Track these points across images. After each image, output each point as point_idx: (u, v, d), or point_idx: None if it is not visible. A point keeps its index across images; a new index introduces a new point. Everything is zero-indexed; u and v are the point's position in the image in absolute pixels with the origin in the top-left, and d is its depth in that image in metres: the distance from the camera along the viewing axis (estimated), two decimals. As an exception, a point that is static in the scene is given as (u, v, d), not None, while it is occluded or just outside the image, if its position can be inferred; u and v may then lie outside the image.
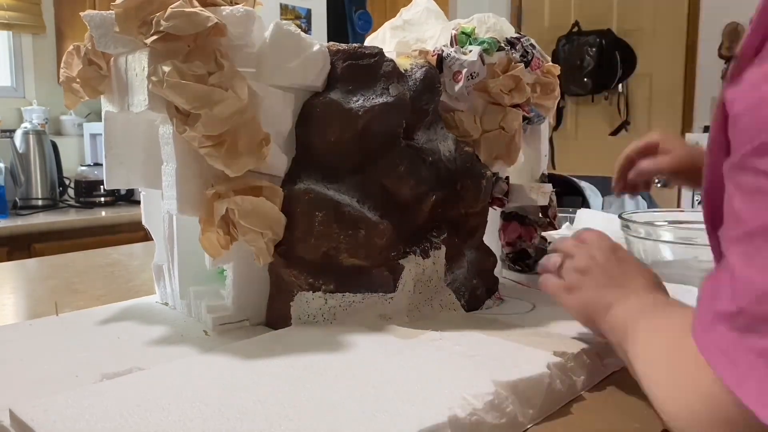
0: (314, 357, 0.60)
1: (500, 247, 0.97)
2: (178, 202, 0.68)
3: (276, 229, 0.69)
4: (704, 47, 3.43)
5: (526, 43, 0.88)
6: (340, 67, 0.73)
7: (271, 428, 0.45)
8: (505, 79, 0.85)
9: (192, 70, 0.64)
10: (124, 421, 0.46)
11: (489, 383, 0.52)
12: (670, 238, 0.96)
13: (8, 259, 1.83)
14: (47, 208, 2.44)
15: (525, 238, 0.95)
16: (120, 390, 0.52)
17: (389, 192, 0.73)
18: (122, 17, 0.65)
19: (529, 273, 0.95)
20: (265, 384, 0.53)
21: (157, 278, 0.84)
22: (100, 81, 0.76)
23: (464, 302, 0.78)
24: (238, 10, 0.67)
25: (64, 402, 0.49)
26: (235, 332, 0.71)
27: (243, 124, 0.66)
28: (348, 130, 0.71)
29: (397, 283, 0.73)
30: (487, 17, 0.91)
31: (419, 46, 0.91)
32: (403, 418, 0.47)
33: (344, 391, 0.52)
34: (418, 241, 0.76)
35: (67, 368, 0.59)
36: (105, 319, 0.75)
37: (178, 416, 0.47)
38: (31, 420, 0.46)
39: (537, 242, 0.95)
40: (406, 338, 0.65)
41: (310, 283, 0.70)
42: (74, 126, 2.83)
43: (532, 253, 0.95)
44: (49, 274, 1.11)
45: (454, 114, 0.84)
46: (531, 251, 0.95)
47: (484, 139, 0.85)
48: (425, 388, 0.52)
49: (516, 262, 0.96)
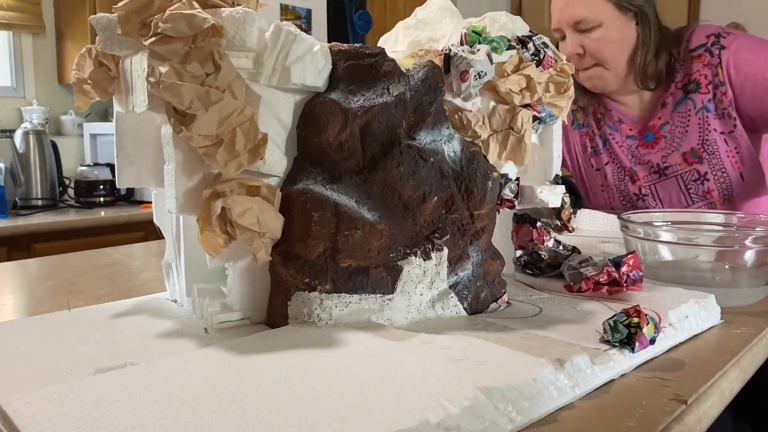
0: (300, 357, 0.60)
1: (513, 249, 0.96)
2: (177, 201, 0.69)
3: (273, 229, 0.69)
4: None
5: (538, 41, 0.86)
6: (341, 67, 0.73)
7: (239, 428, 0.45)
8: (515, 78, 0.83)
9: (189, 71, 0.65)
10: (99, 416, 0.47)
11: (470, 388, 0.51)
12: (669, 238, 0.93)
13: (8, 259, 1.84)
14: (47, 208, 2.46)
15: (537, 240, 0.93)
16: (105, 385, 0.53)
17: (389, 193, 0.73)
18: (124, 19, 0.67)
19: (542, 276, 0.93)
20: (245, 383, 0.53)
21: (167, 275, 0.86)
22: (110, 82, 0.78)
23: (467, 305, 0.77)
24: (238, 12, 0.68)
25: (48, 395, 0.50)
26: (234, 330, 0.72)
27: (241, 125, 0.67)
28: (348, 130, 0.71)
29: (396, 285, 0.72)
30: (499, 16, 0.89)
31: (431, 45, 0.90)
32: (372, 421, 0.46)
33: (321, 392, 0.52)
34: (419, 243, 0.75)
35: (64, 362, 0.61)
36: (111, 315, 0.77)
37: (152, 413, 0.48)
38: (13, 411, 0.48)
39: (550, 245, 0.93)
40: (397, 340, 0.64)
41: (306, 283, 0.70)
42: (74, 126, 2.87)
43: (544, 256, 0.93)
44: (49, 274, 1.12)
45: (462, 114, 0.83)
46: (544, 254, 0.93)
47: (493, 140, 0.84)
48: (404, 391, 0.51)
49: (528, 266, 0.94)
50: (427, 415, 0.47)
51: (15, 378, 0.58)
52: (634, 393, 0.59)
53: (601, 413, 0.55)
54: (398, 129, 0.73)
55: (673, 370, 0.65)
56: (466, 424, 0.48)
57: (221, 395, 0.51)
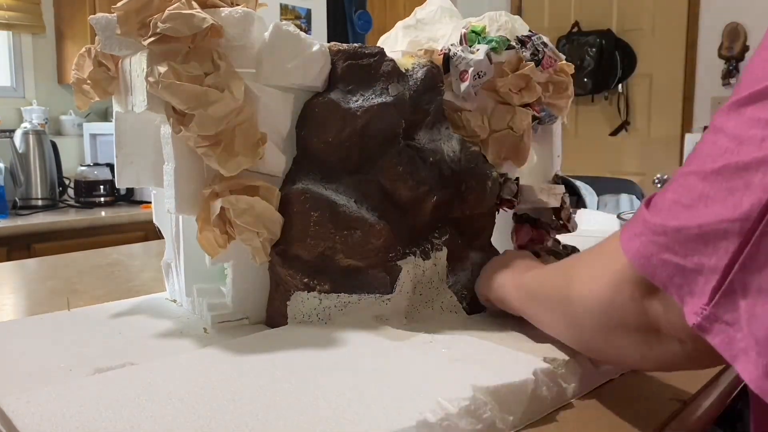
0: (299, 357, 0.60)
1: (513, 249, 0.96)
2: (176, 201, 0.69)
3: (272, 229, 0.69)
4: (704, 47, 3.46)
5: (537, 41, 0.86)
6: (341, 67, 0.73)
7: (238, 428, 0.45)
8: (514, 78, 0.83)
9: (188, 70, 0.65)
10: (99, 416, 0.47)
11: (468, 388, 0.51)
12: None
13: (8, 259, 1.83)
14: (47, 208, 2.45)
15: (537, 241, 0.92)
16: (104, 385, 0.53)
17: (388, 192, 0.73)
18: (123, 19, 0.67)
19: (542, 276, 0.93)
20: (244, 382, 0.53)
21: (167, 275, 0.86)
22: (109, 82, 0.78)
23: (466, 305, 0.77)
24: (237, 11, 0.68)
25: (47, 395, 0.50)
26: (233, 330, 0.72)
27: (239, 124, 0.67)
28: (346, 130, 0.71)
29: (395, 285, 0.72)
30: (498, 15, 0.89)
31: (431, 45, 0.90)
32: (370, 421, 0.46)
33: (319, 392, 0.51)
34: (418, 242, 0.75)
35: (63, 362, 0.61)
36: (111, 315, 0.77)
37: (151, 412, 0.48)
38: (12, 411, 0.48)
39: (550, 245, 0.93)
40: (396, 340, 0.64)
41: (305, 283, 0.70)
42: (74, 126, 2.86)
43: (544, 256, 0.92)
44: (49, 274, 1.12)
45: (461, 114, 0.83)
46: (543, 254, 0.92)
47: (492, 140, 0.84)
48: (402, 391, 0.51)
49: (528, 265, 0.94)
50: (426, 414, 0.47)
51: (15, 378, 0.58)
52: (634, 393, 0.59)
53: (600, 413, 0.55)
54: (397, 129, 0.73)
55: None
56: (465, 423, 0.48)
57: (221, 395, 0.51)
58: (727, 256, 0.35)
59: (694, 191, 0.38)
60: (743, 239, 0.35)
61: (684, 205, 0.39)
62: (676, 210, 0.39)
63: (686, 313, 0.38)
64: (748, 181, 0.35)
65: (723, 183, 0.36)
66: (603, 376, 0.61)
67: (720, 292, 0.36)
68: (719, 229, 0.36)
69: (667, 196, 0.41)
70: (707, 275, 0.37)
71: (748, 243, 0.34)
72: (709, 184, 0.37)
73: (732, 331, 0.36)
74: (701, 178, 0.38)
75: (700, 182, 0.38)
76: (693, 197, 0.38)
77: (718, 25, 3.36)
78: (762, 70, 0.37)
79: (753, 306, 0.35)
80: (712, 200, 0.37)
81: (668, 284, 0.40)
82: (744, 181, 0.35)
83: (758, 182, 0.34)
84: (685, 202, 0.39)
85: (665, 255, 0.40)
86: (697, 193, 0.38)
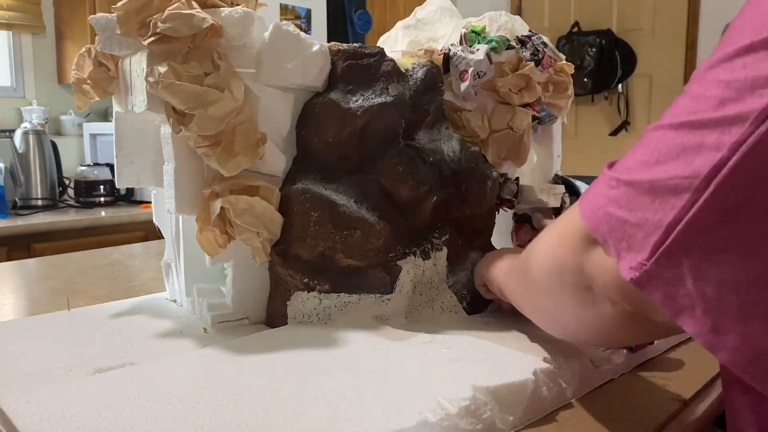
0: (299, 357, 0.60)
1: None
2: (176, 201, 0.69)
3: (272, 229, 0.69)
4: (704, 47, 3.45)
5: (537, 41, 0.86)
6: (341, 67, 0.73)
7: (237, 428, 0.45)
8: (514, 78, 0.83)
9: (188, 70, 0.65)
10: (98, 415, 0.47)
11: (468, 388, 0.51)
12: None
13: (8, 259, 1.82)
14: (47, 208, 2.45)
15: (537, 240, 0.92)
16: (104, 385, 0.53)
17: (388, 192, 0.73)
18: (123, 19, 0.67)
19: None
20: (244, 382, 0.53)
21: (167, 275, 0.86)
22: (109, 82, 0.78)
23: (466, 305, 0.77)
24: (237, 11, 0.68)
25: (47, 395, 0.50)
26: (233, 330, 0.72)
27: (239, 124, 0.67)
28: (346, 130, 0.71)
29: (395, 285, 0.72)
30: (498, 15, 0.89)
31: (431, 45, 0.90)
32: (371, 421, 0.46)
33: (320, 392, 0.52)
34: (418, 242, 0.75)
35: (64, 362, 0.61)
36: (111, 315, 0.77)
37: (151, 412, 0.48)
38: (12, 411, 0.48)
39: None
40: (396, 340, 0.64)
41: (305, 283, 0.70)
42: (74, 126, 2.85)
43: (544, 255, 0.92)
44: (49, 274, 1.12)
45: (461, 114, 0.83)
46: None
47: (492, 140, 0.84)
48: (403, 391, 0.51)
49: (528, 265, 0.94)
50: (426, 414, 0.47)
51: (15, 378, 0.58)
52: (634, 393, 0.59)
53: (600, 413, 0.55)
54: (397, 129, 0.73)
55: (672, 370, 0.65)
56: (465, 423, 0.48)
57: (221, 395, 0.51)
58: (672, 213, 0.35)
59: (652, 148, 0.38)
60: (692, 197, 0.34)
61: (640, 161, 0.38)
62: (632, 164, 0.39)
63: (621, 268, 0.38)
64: (701, 141, 0.34)
65: (678, 140, 0.36)
66: (603, 376, 0.61)
67: (662, 248, 0.35)
68: (669, 185, 0.35)
69: (629, 153, 0.41)
70: (649, 230, 0.36)
71: (697, 201, 0.34)
72: (665, 142, 0.37)
73: (672, 289, 0.35)
74: (659, 136, 0.38)
75: (658, 140, 0.38)
76: (649, 153, 0.38)
77: (718, 25, 3.36)
78: (732, 35, 0.37)
79: (698, 264, 0.34)
80: (665, 157, 0.36)
81: (608, 237, 0.39)
82: (698, 139, 0.35)
83: (711, 142, 0.34)
84: (640, 157, 0.38)
85: (611, 208, 0.39)
86: (653, 150, 0.38)
